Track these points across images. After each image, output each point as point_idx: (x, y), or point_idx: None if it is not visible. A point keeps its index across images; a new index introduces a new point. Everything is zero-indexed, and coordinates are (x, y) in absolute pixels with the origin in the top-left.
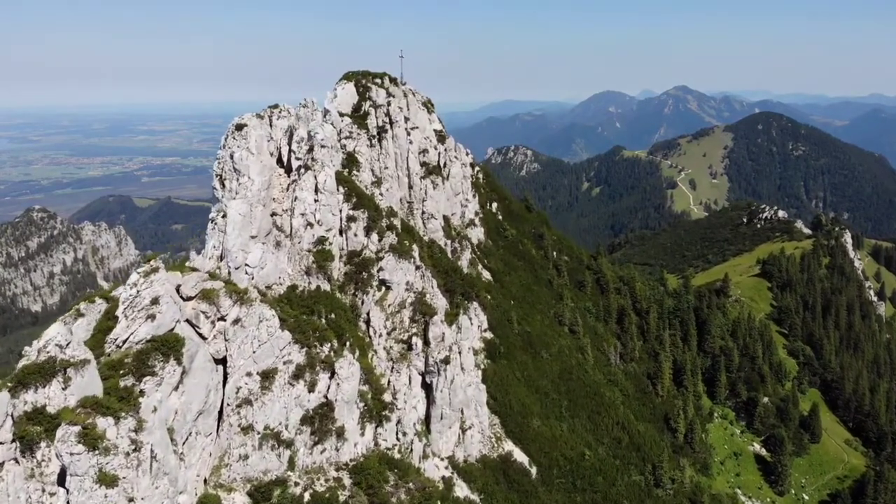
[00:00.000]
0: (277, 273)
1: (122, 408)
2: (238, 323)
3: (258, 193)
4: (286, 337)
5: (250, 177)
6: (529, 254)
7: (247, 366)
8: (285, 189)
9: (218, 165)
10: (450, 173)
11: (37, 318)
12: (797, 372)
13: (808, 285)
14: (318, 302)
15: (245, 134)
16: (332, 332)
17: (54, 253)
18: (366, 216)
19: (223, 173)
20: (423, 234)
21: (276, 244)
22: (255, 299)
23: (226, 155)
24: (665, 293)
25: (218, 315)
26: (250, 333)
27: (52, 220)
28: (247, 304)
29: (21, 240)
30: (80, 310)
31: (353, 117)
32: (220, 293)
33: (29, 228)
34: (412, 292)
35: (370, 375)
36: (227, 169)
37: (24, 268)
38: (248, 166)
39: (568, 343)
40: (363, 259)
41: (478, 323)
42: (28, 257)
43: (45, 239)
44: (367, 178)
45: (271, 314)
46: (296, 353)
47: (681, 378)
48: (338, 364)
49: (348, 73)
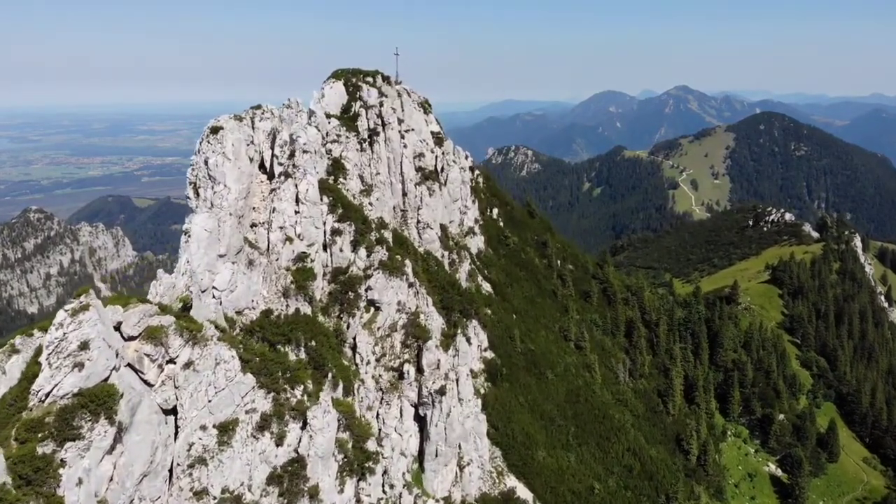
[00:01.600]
0: (250, 296)
1: (25, 497)
2: (190, 367)
3: (235, 203)
4: (249, 381)
5: (226, 185)
6: (532, 263)
7: (201, 417)
8: (266, 197)
9: (192, 172)
10: (448, 178)
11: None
12: (811, 385)
13: (820, 292)
14: (297, 328)
15: (221, 138)
16: (306, 373)
17: (51, 254)
18: (352, 229)
19: (197, 181)
20: (418, 245)
21: (248, 263)
22: (211, 337)
23: (200, 161)
24: (674, 302)
25: (166, 357)
26: (205, 379)
27: (49, 221)
28: (201, 343)
29: (18, 241)
30: (15, 345)
31: (341, 119)
32: (169, 331)
33: (26, 229)
34: (404, 313)
35: (351, 420)
36: (201, 176)
37: (21, 269)
38: (224, 173)
39: (574, 360)
40: (349, 277)
41: (477, 342)
42: (24, 258)
43: (41, 240)
44: (354, 187)
45: (230, 355)
46: (261, 399)
47: (692, 395)
48: (311, 413)
49: (337, 70)
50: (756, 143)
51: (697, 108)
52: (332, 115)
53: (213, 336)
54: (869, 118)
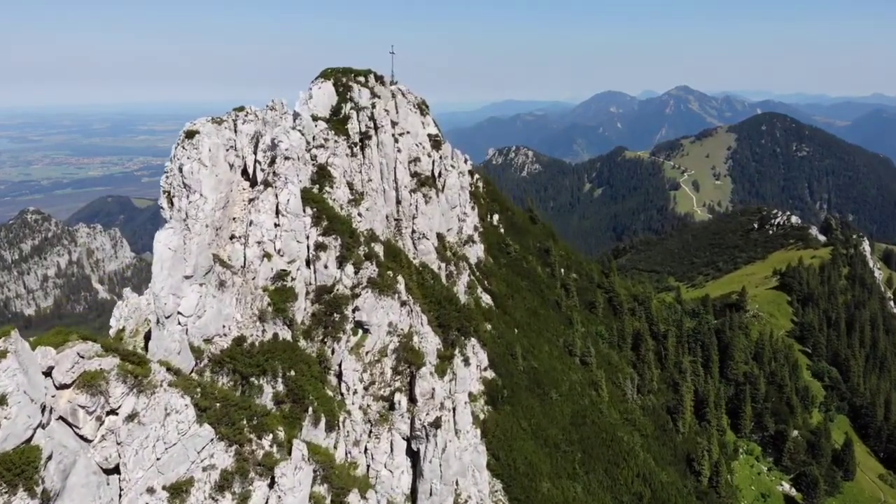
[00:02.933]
0: (221, 321)
1: None
2: (135, 419)
3: (212, 213)
4: (206, 434)
5: (202, 194)
6: (535, 272)
7: (148, 478)
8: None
9: (166, 180)
10: (445, 184)
11: (30, 322)
12: (824, 397)
13: (830, 299)
14: (274, 356)
15: (197, 142)
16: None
17: (48, 255)
18: (339, 243)
19: (172, 190)
20: (413, 256)
21: (219, 284)
22: (161, 383)
23: (174, 167)
24: (682, 311)
25: (106, 408)
26: (152, 433)
27: (47, 222)
28: (147, 390)
29: (15, 242)
30: None
31: (330, 122)
32: (110, 377)
33: (23, 230)
34: (396, 335)
35: (330, 471)
36: (175, 184)
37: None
38: (200, 181)
39: (580, 377)
40: (335, 297)
41: (476, 362)
42: (21, 260)
43: (38, 241)
44: (342, 196)
45: (183, 403)
46: (221, 454)
47: (703, 411)
48: (279, 469)
49: (327, 69)
50: (758, 144)
51: (698, 108)
52: (319, 118)
53: (162, 381)
54: (870, 118)
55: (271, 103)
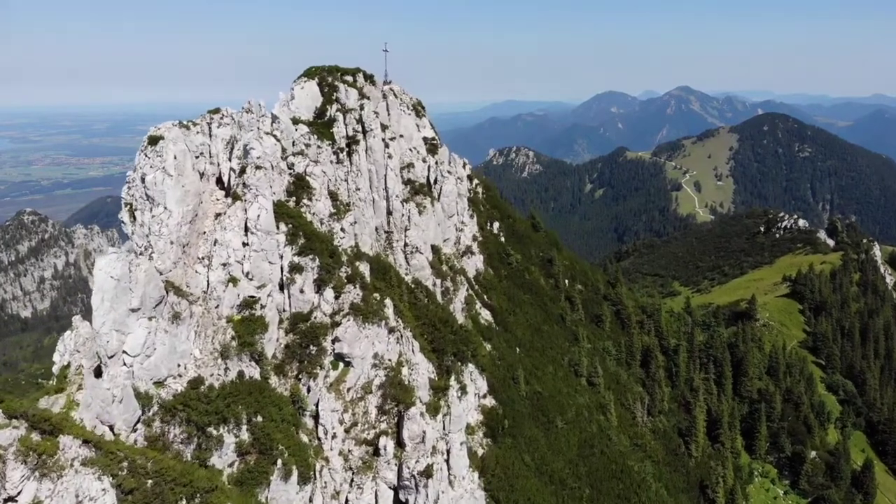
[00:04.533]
0: (175, 359)
1: None
2: None
3: (177, 229)
4: None
5: (166, 207)
6: (538, 284)
7: None
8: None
9: (127, 192)
10: (442, 191)
11: (26, 324)
12: (840, 413)
13: (843, 307)
14: (237, 400)
15: (160, 150)
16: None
17: (45, 257)
18: (317, 264)
19: (134, 202)
20: (405, 272)
21: (172, 317)
22: (71, 462)
23: (137, 178)
24: (693, 323)
25: (3, 495)
26: None
27: (44, 224)
28: (53, 473)
29: (11, 243)
30: None
31: (313, 125)
32: (8, 455)
33: (20, 232)
34: (382, 368)
35: None
36: (137, 196)
37: (14, 272)
38: (164, 193)
39: (586, 401)
40: (312, 326)
41: (474, 390)
42: (18, 261)
43: (35, 243)
44: (322, 209)
45: (100, 487)
46: None
47: (716, 432)
48: None
49: (311, 68)
50: (760, 145)
51: (699, 108)
52: (301, 121)
53: (73, 460)
54: (872, 119)
55: (247, 105)
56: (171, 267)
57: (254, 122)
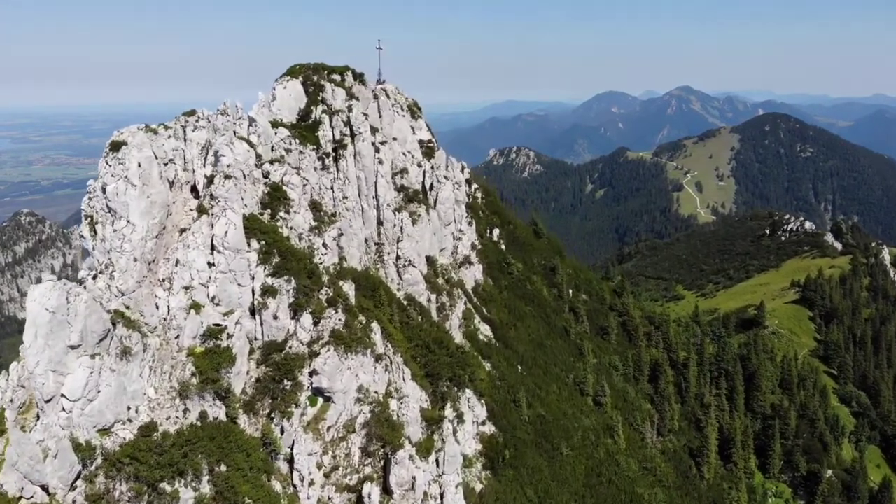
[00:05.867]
0: (124, 402)
1: None
2: None
3: (141, 244)
4: None
5: (129, 220)
6: (540, 295)
7: None
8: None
9: (88, 203)
10: (438, 198)
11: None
12: (854, 426)
13: (855, 314)
14: (196, 448)
15: (123, 156)
16: None
17: (42, 258)
18: (293, 286)
19: (95, 214)
20: (398, 288)
21: (121, 353)
22: None
23: (98, 187)
24: (702, 334)
25: None
26: None
27: (41, 224)
28: None
29: (8, 245)
30: None
31: (296, 129)
32: None
33: (17, 233)
34: (367, 403)
35: None
36: (99, 208)
37: (11, 273)
38: (127, 204)
39: (593, 423)
40: (287, 356)
41: (472, 417)
42: (15, 263)
43: (33, 244)
44: (301, 223)
45: None
46: None
47: (728, 451)
48: None
49: (294, 66)
50: (761, 145)
51: (700, 108)
52: (282, 124)
53: None
54: (873, 119)
55: (223, 106)
56: (133, 287)
57: (230, 125)
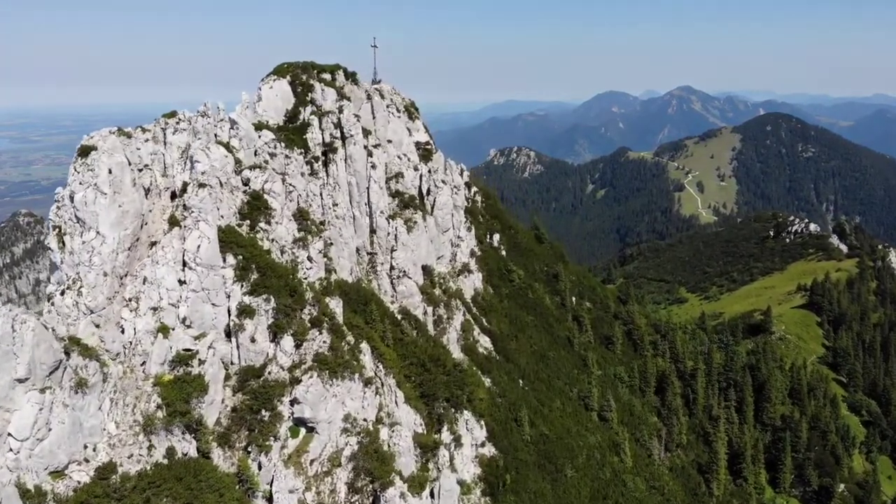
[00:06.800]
0: (80, 440)
1: None
2: None
3: (112, 258)
4: None
5: (99, 231)
6: (542, 303)
7: None
8: None
9: (56, 213)
10: (435, 203)
11: None
12: (865, 436)
13: (863, 319)
14: (162, 491)
15: (92, 162)
16: None
17: (41, 259)
18: (273, 305)
19: (63, 225)
20: (391, 300)
21: (75, 386)
22: None
23: (66, 195)
24: (709, 343)
25: None
26: None
27: (39, 225)
28: None
29: (6, 246)
30: None
31: (284, 131)
32: None
33: (14, 234)
34: (354, 433)
35: None
36: (67, 219)
37: (10, 275)
38: (96, 214)
39: (598, 440)
40: (266, 383)
41: (471, 440)
42: (13, 264)
43: (31, 244)
44: (284, 234)
45: None
46: None
47: (738, 466)
48: None
49: (282, 65)
50: (763, 145)
51: (701, 108)
52: (267, 126)
53: None
54: (873, 119)
55: (203, 107)
56: (104, 304)
57: (210, 128)
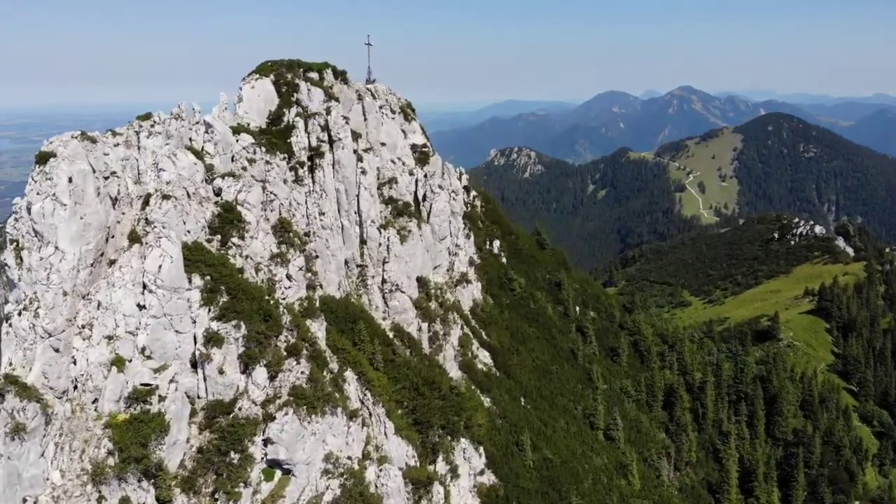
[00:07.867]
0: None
1: None
2: None
3: (72, 276)
4: None
5: (58, 246)
6: (545, 313)
7: None
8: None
9: (14, 225)
10: (432, 210)
11: None
12: (878, 449)
13: (873, 325)
14: None
15: (51, 171)
16: None
17: None
18: (244, 332)
19: (21, 239)
20: (383, 316)
21: (12, 430)
22: None
23: (23, 206)
24: (718, 353)
25: None
26: None
27: None
28: None
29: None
30: None
31: (266, 134)
32: None
33: None
34: (337, 475)
35: None
36: (24, 232)
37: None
38: (55, 227)
39: (605, 461)
40: (236, 421)
41: (469, 469)
42: None
43: None
44: (260, 250)
45: None
46: None
47: (749, 483)
48: None
49: (265, 63)
50: (764, 145)
51: (701, 108)
52: (247, 130)
53: None
54: (874, 119)
55: (177, 109)
56: (63, 326)
57: (185, 132)
